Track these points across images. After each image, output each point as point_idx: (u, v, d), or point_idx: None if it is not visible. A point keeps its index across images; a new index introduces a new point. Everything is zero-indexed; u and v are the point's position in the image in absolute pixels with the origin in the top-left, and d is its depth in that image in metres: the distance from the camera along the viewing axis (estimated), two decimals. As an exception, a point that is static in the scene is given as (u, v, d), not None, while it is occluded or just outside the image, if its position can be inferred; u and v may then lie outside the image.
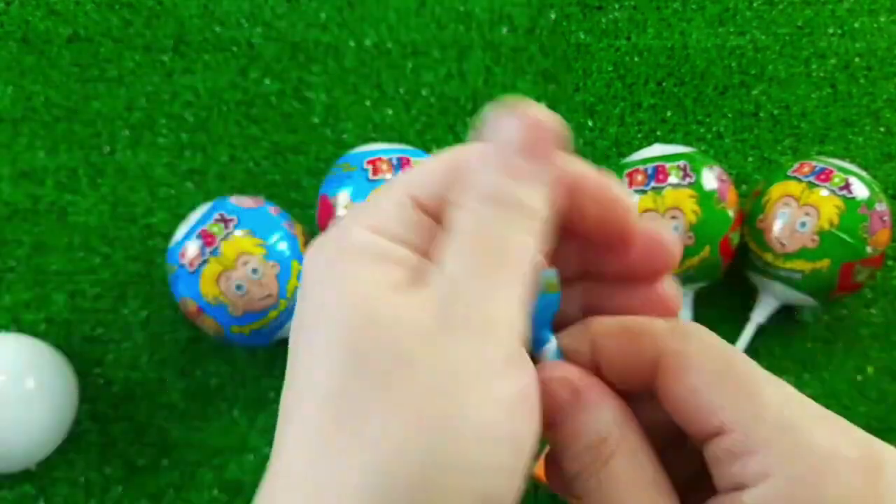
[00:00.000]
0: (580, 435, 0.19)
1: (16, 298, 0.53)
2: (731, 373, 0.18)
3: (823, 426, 0.17)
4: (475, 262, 0.17)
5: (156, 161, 0.56)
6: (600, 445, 0.18)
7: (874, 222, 0.47)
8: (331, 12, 0.61)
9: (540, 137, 0.18)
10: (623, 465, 0.18)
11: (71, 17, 0.60)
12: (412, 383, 0.16)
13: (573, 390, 0.19)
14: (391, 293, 0.17)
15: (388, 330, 0.16)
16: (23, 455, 0.47)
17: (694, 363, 0.18)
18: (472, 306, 0.17)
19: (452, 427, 0.16)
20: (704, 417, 0.18)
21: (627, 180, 0.48)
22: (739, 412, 0.17)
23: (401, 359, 0.16)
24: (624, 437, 0.19)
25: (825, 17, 0.62)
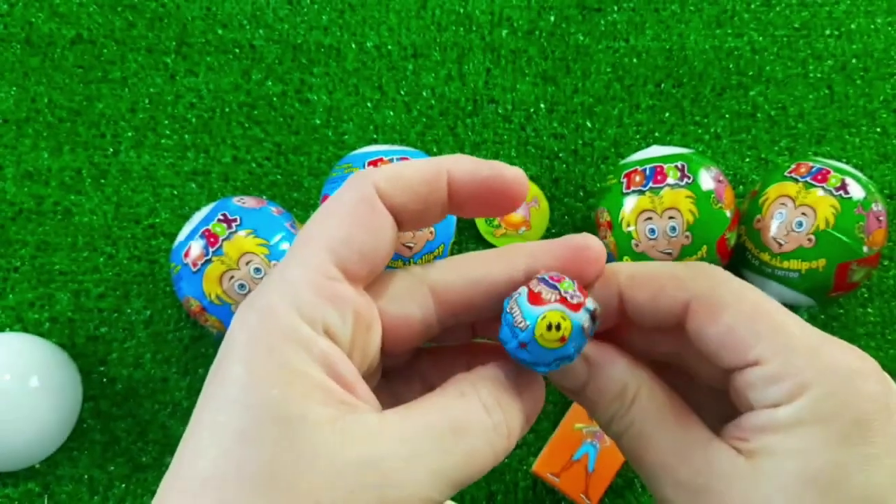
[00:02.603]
0: (604, 390, 0.21)
1: (20, 298, 0.53)
2: (760, 311, 0.20)
3: (838, 348, 0.19)
4: (422, 433, 0.18)
5: (159, 162, 0.57)
6: (623, 392, 0.21)
7: (870, 222, 0.47)
8: (332, 14, 0.62)
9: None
10: (646, 401, 0.21)
11: (74, 19, 0.60)
12: (300, 491, 0.16)
13: (587, 360, 0.21)
14: (313, 409, 0.17)
15: (297, 451, 0.16)
16: (27, 453, 0.48)
17: (726, 305, 0.20)
18: (392, 472, 0.17)
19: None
20: (741, 352, 0.19)
21: (626, 181, 0.49)
22: (774, 345, 0.19)
23: (300, 485, 0.16)
24: (641, 381, 0.21)
25: (822, 18, 0.62)
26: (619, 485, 0.49)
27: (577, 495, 0.46)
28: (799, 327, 0.19)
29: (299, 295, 0.18)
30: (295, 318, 0.18)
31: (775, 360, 0.19)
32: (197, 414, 0.18)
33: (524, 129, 0.59)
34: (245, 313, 0.18)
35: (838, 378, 0.18)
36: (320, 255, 0.19)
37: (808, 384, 0.18)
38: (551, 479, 0.47)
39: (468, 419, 0.18)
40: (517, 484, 0.50)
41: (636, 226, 0.48)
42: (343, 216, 0.19)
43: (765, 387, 0.19)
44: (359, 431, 0.17)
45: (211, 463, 0.17)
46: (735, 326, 0.19)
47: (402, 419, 0.18)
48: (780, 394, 0.19)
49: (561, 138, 0.59)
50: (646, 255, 0.48)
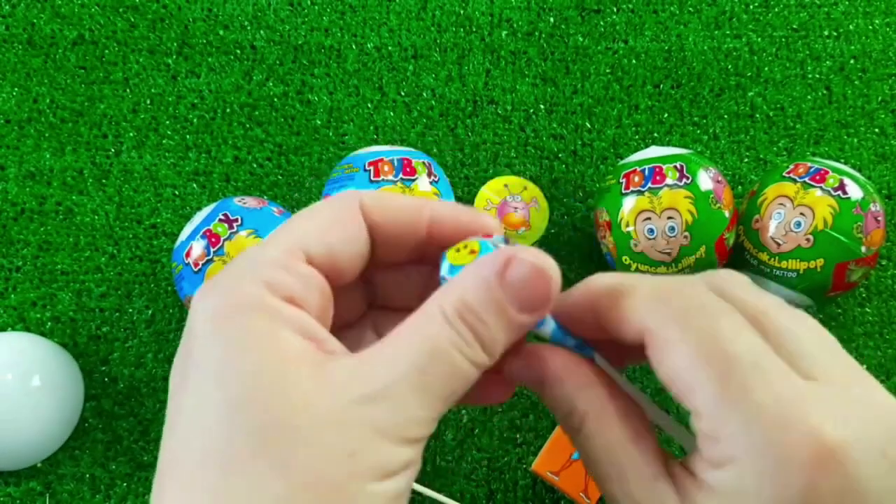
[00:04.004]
0: (555, 407, 0.21)
1: (22, 297, 0.53)
2: (710, 356, 0.18)
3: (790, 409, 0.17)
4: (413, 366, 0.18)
5: (161, 162, 0.57)
6: (570, 415, 0.21)
7: (868, 222, 0.47)
8: (333, 16, 0.62)
9: (542, 294, 0.19)
10: (593, 428, 0.20)
11: (76, 20, 0.61)
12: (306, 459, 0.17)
13: (534, 373, 0.21)
14: (291, 364, 0.18)
15: (286, 405, 0.17)
16: (29, 452, 0.48)
17: (673, 345, 0.19)
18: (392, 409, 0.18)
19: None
20: (683, 397, 0.19)
21: (625, 181, 0.49)
22: (710, 401, 0.18)
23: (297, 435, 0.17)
24: (590, 406, 0.20)
25: (820, 19, 0.63)
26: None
27: (577, 494, 0.47)
28: (753, 380, 0.18)
29: (264, 270, 0.19)
30: (261, 289, 0.18)
31: (710, 420, 0.18)
32: (177, 397, 0.18)
33: (524, 129, 0.59)
34: (208, 293, 0.19)
35: (763, 457, 0.17)
36: (290, 242, 0.20)
37: (737, 457, 0.17)
38: (551, 477, 0.47)
39: (437, 336, 0.19)
40: (517, 483, 0.50)
41: (635, 226, 0.48)
42: (322, 216, 0.21)
43: (703, 440, 0.18)
44: (340, 374, 0.18)
45: (205, 437, 0.17)
46: (678, 371, 0.19)
47: (379, 353, 0.19)
48: (713, 455, 0.18)
49: (560, 139, 0.59)
50: (645, 254, 0.48)
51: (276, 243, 0.20)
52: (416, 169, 0.49)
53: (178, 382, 0.19)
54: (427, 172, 0.50)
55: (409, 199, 0.22)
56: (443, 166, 0.57)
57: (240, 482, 0.17)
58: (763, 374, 0.18)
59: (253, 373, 0.17)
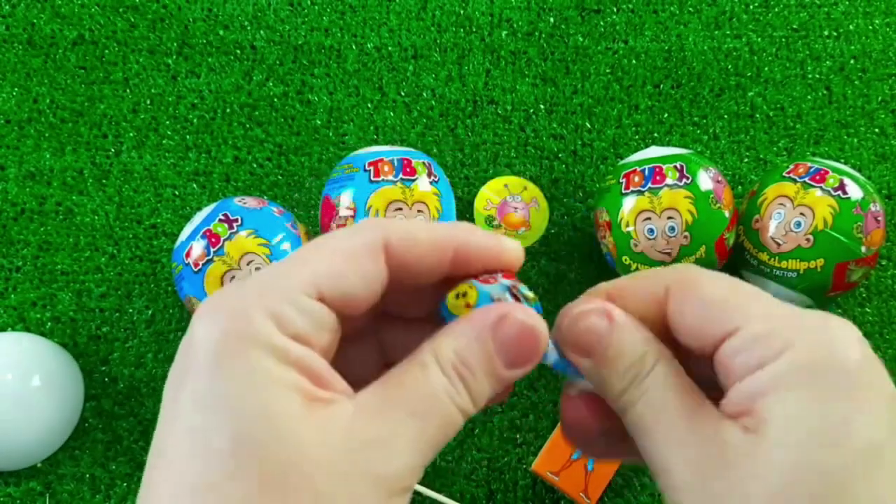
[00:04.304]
0: (623, 354, 0.21)
1: (22, 297, 0.53)
2: (735, 286, 0.20)
3: (817, 313, 0.20)
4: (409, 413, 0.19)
5: (161, 162, 0.57)
6: (643, 358, 0.21)
7: (868, 222, 0.47)
8: (333, 16, 0.62)
9: (528, 352, 0.20)
10: (665, 371, 0.21)
11: (76, 20, 0.61)
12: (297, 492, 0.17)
13: (608, 316, 0.21)
14: (292, 408, 0.18)
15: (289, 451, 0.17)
16: (29, 452, 0.48)
17: (702, 283, 0.21)
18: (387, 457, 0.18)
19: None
20: (721, 322, 0.20)
21: (625, 181, 0.49)
22: (753, 311, 0.20)
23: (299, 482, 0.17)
24: (660, 350, 0.21)
25: (820, 19, 0.63)
26: (618, 483, 0.49)
27: (577, 494, 0.47)
28: (774, 301, 0.20)
29: (274, 302, 0.19)
30: (269, 324, 0.18)
31: (756, 323, 0.19)
32: (170, 418, 0.18)
33: (524, 129, 0.59)
34: (214, 312, 0.19)
35: (819, 334, 0.19)
36: (304, 276, 0.19)
37: (790, 340, 0.19)
38: (551, 477, 0.47)
39: (434, 385, 0.19)
40: (517, 483, 0.50)
41: (635, 226, 0.48)
42: (343, 254, 0.20)
43: (749, 349, 0.19)
44: (339, 421, 0.18)
45: (197, 472, 0.17)
46: (713, 299, 0.20)
47: (377, 402, 0.19)
48: (765, 352, 0.19)
49: (560, 139, 0.59)
50: (644, 255, 0.48)
51: (290, 274, 0.19)
52: (416, 169, 0.49)
53: (171, 403, 0.18)
54: (427, 172, 0.50)
55: (436, 235, 0.21)
56: (443, 166, 0.57)
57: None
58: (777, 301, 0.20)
59: (256, 416, 0.17)
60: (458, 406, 0.19)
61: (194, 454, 0.17)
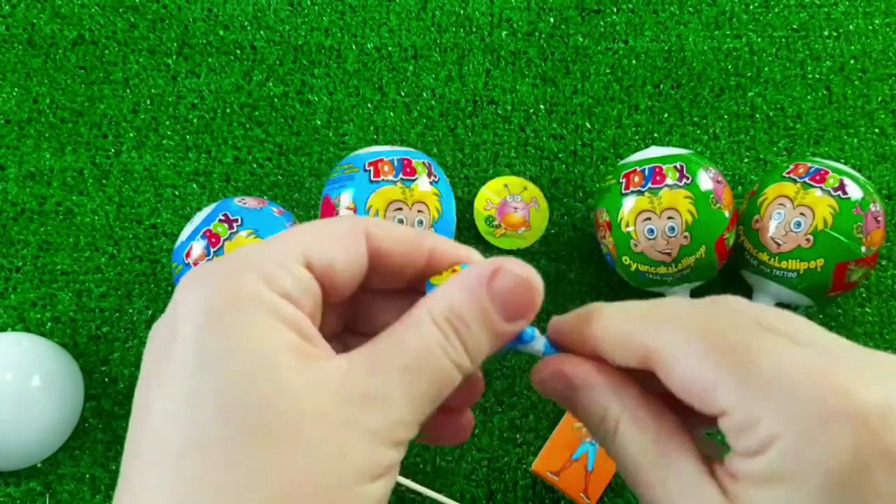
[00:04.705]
0: (587, 415, 0.21)
1: (22, 297, 0.53)
2: (717, 350, 0.19)
3: (814, 380, 0.17)
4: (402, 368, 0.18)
5: (161, 162, 0.57)
6: (605, 420, 0.20)
7: (868, 222, 0.47)
8: (333, 16, 0.62)
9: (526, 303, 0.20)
10: (629, 431, 0.20)
11: (76, 20, 0.61)
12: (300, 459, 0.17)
13: (564, 380, 0.21)
14: (285, 360, 0.18)
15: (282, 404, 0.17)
16: (29, 452, 0.48)
17: (678, 354, 0.19)
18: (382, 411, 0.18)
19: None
20: (706, 403, 0.19)
21: (625, 181, 0.49)
22: (733, 392, 0.18)
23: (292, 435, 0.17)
24: (623, 409, 0.20)
25: (820, 19, 0.63)
26: (618, 484, 0.49)
27: (577, 494, 0.47)
28: (771, 360, 0.18)
29: (263, 264, 0.19)
30: (258, 282, 0.18)
31: (739, 410, 0.18)
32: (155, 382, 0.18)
33: (524, 129, 0.59)
34: (199, 280, 0.19)
35: (808, 427, 0.17)
36: (291, 244, 0.20)
37: (776, 435, 0.17)
38: (551, 477, 0.47)
39: (426, 338, 0.19)
40: (517, 483, 0.50)
41: (635, 226, 0.48)
42: (327, 229, 0.21)
43: (736, 437, 0.18)
44: (333, 375, 0.18)
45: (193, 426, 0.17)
46: (690, 378, 0.19)
47: (369, 355, 0.19)
48: (751, 445, 0.18)
49: (560, 139, 0.59)
50: (644, 255, 0.48)
51: (277, 242, 0.20)
52: (416, 169, 0.49)
53: (155, 367, 0.18)
54: (427, 172, 0.50)
55: (412, 231, 0.22)
56: (443, 166, 0.57)
57: (232, 476, 0.16)
58: (781, 351, 0.18)
59: (249, 370, 0.17)
60: (453, 360, 0.19)
61: (180, 415, 0.17)
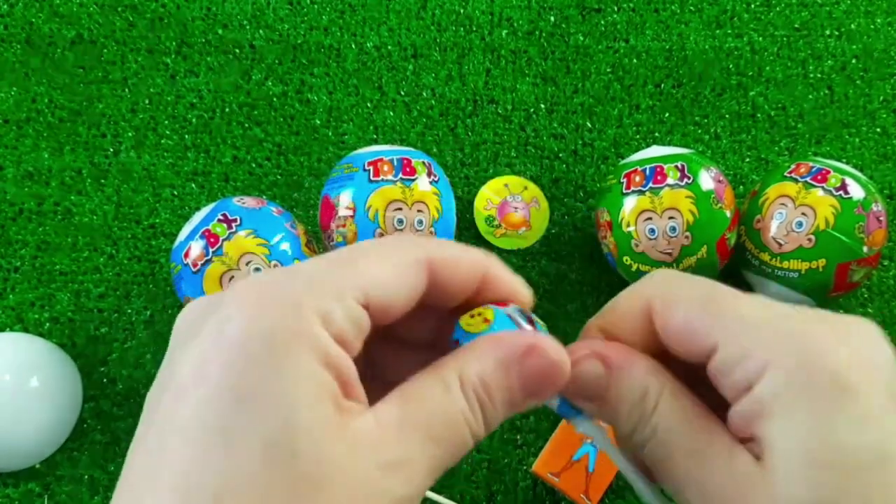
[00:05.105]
0: (625, 396, 0.21)
1: (21, 298, 0.53)
2: (711, 298, 0.20)
3: (799, 319, 0.19)
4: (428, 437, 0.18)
5: (159, 162, 0.57)
6: (645, 397, 0.21)
7: (870, 222, 0.47)
8: (332, 15, 0.62)
9: (552, 386, 0.20)
10: (669, 407, 0.20)
11: (75, 20, 0.61)
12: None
13: (603, 359, 0.21)
14: (325, 414, 0.17)
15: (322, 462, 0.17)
16: (27, 453, 0.48)
17: (678, 298, 0.21)
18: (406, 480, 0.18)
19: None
20: (700, 341, 0.20)
21: (626, 181, 0.49)
22: (727, 327, 0.20)
23: (325, 491, 0.17)
24: (664, 385, 0.21)
25: (822, 18, 0.62)
26: (619, 485, 0.49)
27: (577, 495, 0.46)
28: (754, 306, 0.20)
29: (323, 300, 0.18)
30: (317, 322, 0.18)
31: (732, 342, 0.19)
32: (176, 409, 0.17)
33: (524, 129, 0.59)
34: (257, 305, 0.18)
35: (800, 349, 0.18)
36: (355, 279, 0.19)
37: (769, 361, 0.18)
38: (551, 479, 0.47)
39: (453, 407, 0.19)
40: (517, 484, 0.50)
41: (636, 226, 0.48)
42: (393, 263, 0.20)
43: (730, 371, 0.19)
44: (365, 437, 0.18)
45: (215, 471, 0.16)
46: (690, 317, 0.20)
47: (398, 419, 0.18)
48: (747, 374, 0.19)
49: (561, 138, 0.59)
50: (646, 255, 0.48)
51: (342, 275, 0.19)
52: (415, 169, 0.49)
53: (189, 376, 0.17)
54: (427, 172, 0.49)
55: (472, 259, 0.22)
56: (443, 166, 0.57)
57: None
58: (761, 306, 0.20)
59: (293, 422, 0.16)
60: (473, 431, 0.19)
61: (212, 449, 0.16)
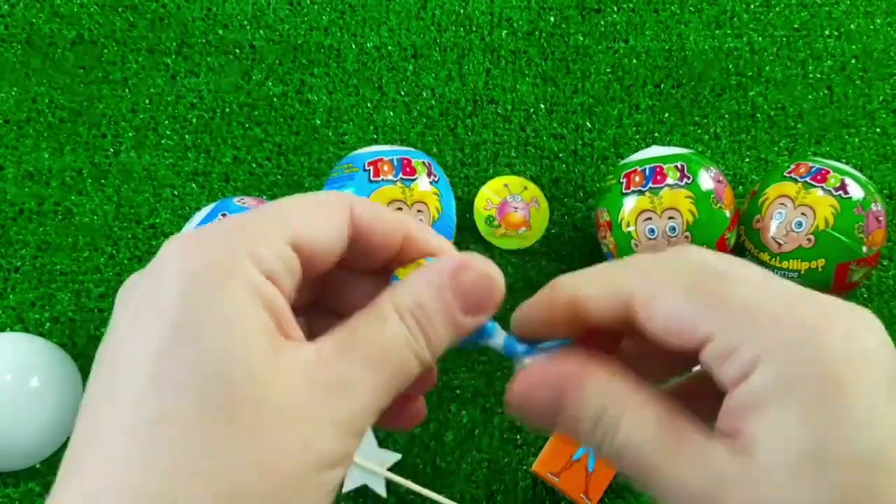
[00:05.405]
0: (582, 417, 0.20)
1: (21, 298, 0.53)
2: (696, 285, 0.19)
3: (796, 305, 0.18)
4: (367, 360, 0.19)
5: (160, 162, 0.57)
6: (604, 416, 0.20)
7: (870, 222, 0.47)
8: (332, 15, 0.62)
9: (488, 299, 0.21)
10: (633, 423, 0.19)
11: (75, 20, 0.61)
12: (269, 445, 0.17)
13: (553, 386, 0.20)
14: (260, 344, 0.18)
15: (256, 389, 0.17)
16: (28, 453, 0.48)
17: (660, 292, 0.19)
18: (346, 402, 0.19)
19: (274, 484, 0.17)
20: (687, 335, 0.19)
21: (625, 181, 0.49)
22: (713, 319, 0.18)
23: (263, 422, 0.17)
24: (625, 398, 0.20)
25: (821, 19, 0.62)
26: (619, 485, 0.49)
27: (577, 495, 0.46)
28: (744, 288, 0.18)
29: (251, 241, 0.19)
30: (245, 259, 0.19)
31: (722, 334, 0.18)
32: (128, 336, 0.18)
33: (524, 129, 0.59)
34: (193, 244, 0.19)
35: (794, 340, 0.17)
36: (279, 221, 0.20)
37: (762, 353, 0.17)
38: (551, 478, 0.47)
39: (392, 332, 0.20)
40: (517, 484, 0.50)
41: (636, 226, 0.48)
42: (313, 207, 0.21)
43: (722, 364, 0.18)
44: (303, 364, 0.18)
45: (154, 405, 0.17)
46: (673, 312, 0.19)
47: (336, 349, 0.19)
48: (739, 368, 0.18)
49: (560, 139, 0.59)
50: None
51: (266, 217, 0.20)
52: (415, 169, 0.49)
53: (130, 323, 0.18)
54: (427, 172, 0.50)
55: (393, 214, 0.22)
56: (443, 166, 0.57)
57: (196, 459, 0.16)
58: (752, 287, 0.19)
59: (225, 349, 0.17)
60: (416, 353, 0.20)
61: (148, 383, 0.17)
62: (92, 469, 0.17)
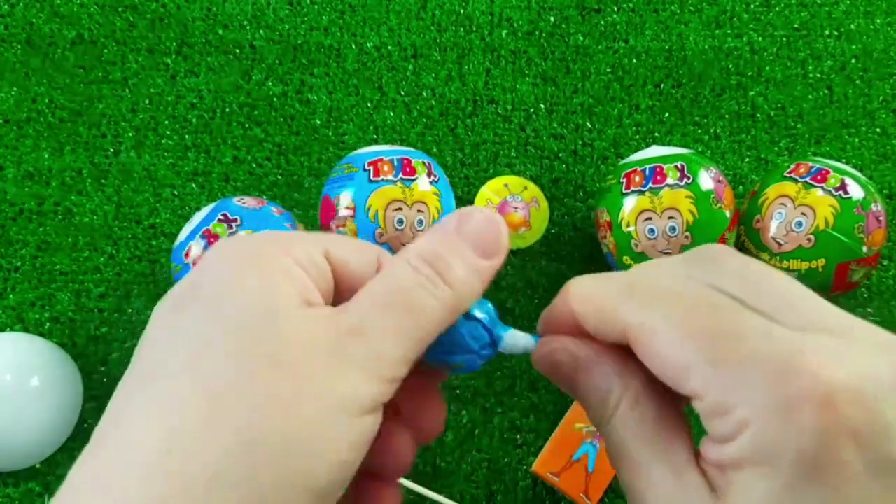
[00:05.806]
0: (590, 391, 0.21)
1: (21, 298, 0.53)
2: (693, 333, 0.18)
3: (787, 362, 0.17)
4: (383, 305, 0.20)
5: (160, 162, 0.57)
6: (606, 400, 0.21)
7: (870, 222, 0.47)
8: (332, 15, 0.62)
9: (495, 239, 0.22)
10: (628, 413, 0.20)
11: (75, 20, 0.61)
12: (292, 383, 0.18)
13: (571, 355, 0.22)
14: (290, 304, 0.19)
15: (280, 337, 0.18)
16: (28, 453, 0.48)
17: (653, 332, 0.19)
18: (367, 343, 0.19)
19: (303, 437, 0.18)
20: (679, 383, 0.18)
21: (625, 181, 0.49)
22: (706, 377, 0.18)
23: (287, 361, 0.18)
24: (626, 388, 0.20)
25: (821, 19, 0.62)
26: (618, 484, 0.49)
27: (577, 495, 0.46)
28: (743, 344, 0.18)
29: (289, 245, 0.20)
30: (281, 254, 0.20)
31: (710, 394, 0.18)
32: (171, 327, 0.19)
33: (524, 129, 0.59)
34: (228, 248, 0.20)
35: (777, 412, 0.17)
36: (317, 237, 0.21)
37: (747, 421, 0.17)
38: (551, 478, 0.47)
39: (402, 277, 0.20)
40: (517, 484, 0.50)
41: (636, 226, 0.48)
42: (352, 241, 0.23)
43: (709, 420, 0.18)
44: (325, 312, 0.20)
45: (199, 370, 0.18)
46: (666, 357, 0.19)
47: (356, 300, 0.20)
48: (725, 429, 0.17)
49: (561, 139, 0.59)
50: (645, 255, 0.48)
51: (301, 235, 0.21)
52: (415, 169, 0.49)
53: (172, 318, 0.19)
54: (427, 172, 0.50)
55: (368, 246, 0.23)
56: (443, 166, 0.57)
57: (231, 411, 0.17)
58: (756, 335, 0.18)
59: (256, 304, 0.19)
60: (434, 295, 0.20)
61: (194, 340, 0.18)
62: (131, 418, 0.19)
